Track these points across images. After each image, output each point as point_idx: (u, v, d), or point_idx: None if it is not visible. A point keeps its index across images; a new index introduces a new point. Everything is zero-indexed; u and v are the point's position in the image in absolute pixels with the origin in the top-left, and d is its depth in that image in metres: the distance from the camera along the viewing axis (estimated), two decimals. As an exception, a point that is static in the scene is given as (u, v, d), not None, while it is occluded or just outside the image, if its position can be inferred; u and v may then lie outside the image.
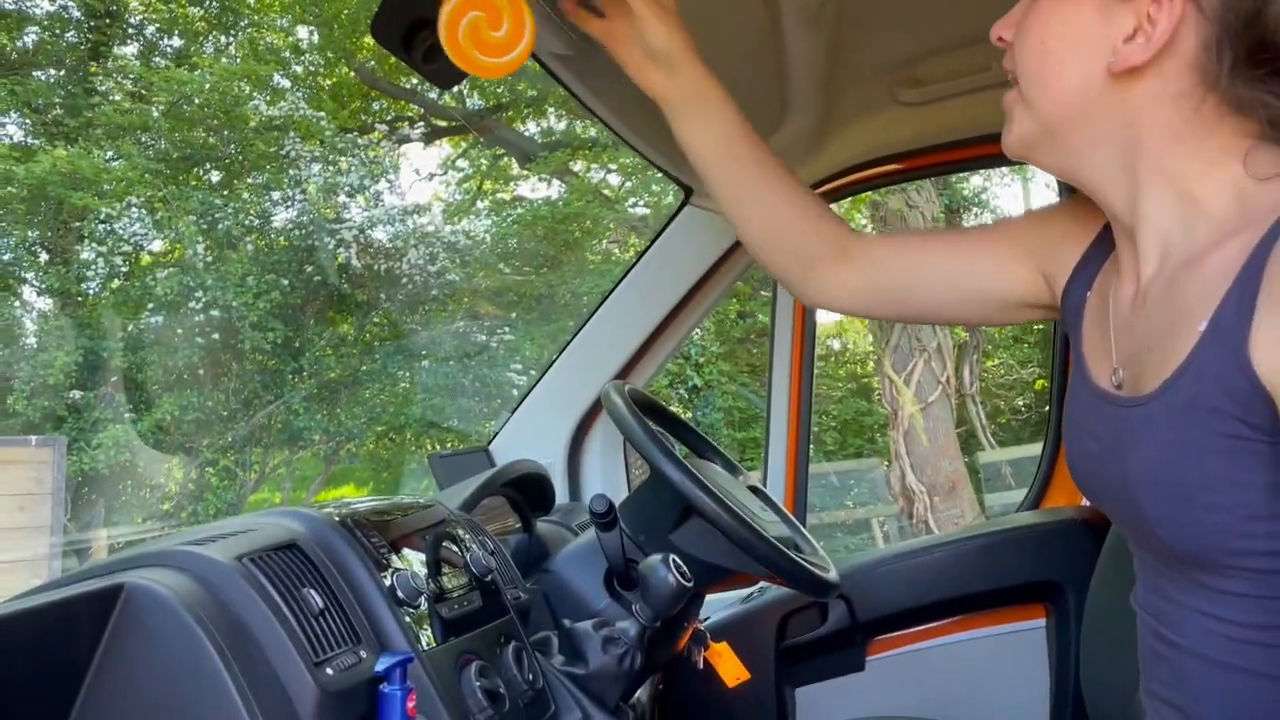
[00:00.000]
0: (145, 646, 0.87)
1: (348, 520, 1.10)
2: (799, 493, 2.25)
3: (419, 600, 1.08)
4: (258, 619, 0.92)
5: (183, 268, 8.75)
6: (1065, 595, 1.81)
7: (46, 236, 9.31)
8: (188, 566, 0.94)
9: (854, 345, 12.42)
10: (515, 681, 1.15)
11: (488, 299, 10.17)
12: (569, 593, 1.49)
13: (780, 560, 1.41)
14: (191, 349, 8.53)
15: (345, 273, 9.12)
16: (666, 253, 2.06)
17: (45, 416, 8.10)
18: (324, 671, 0.93)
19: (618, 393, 1.54)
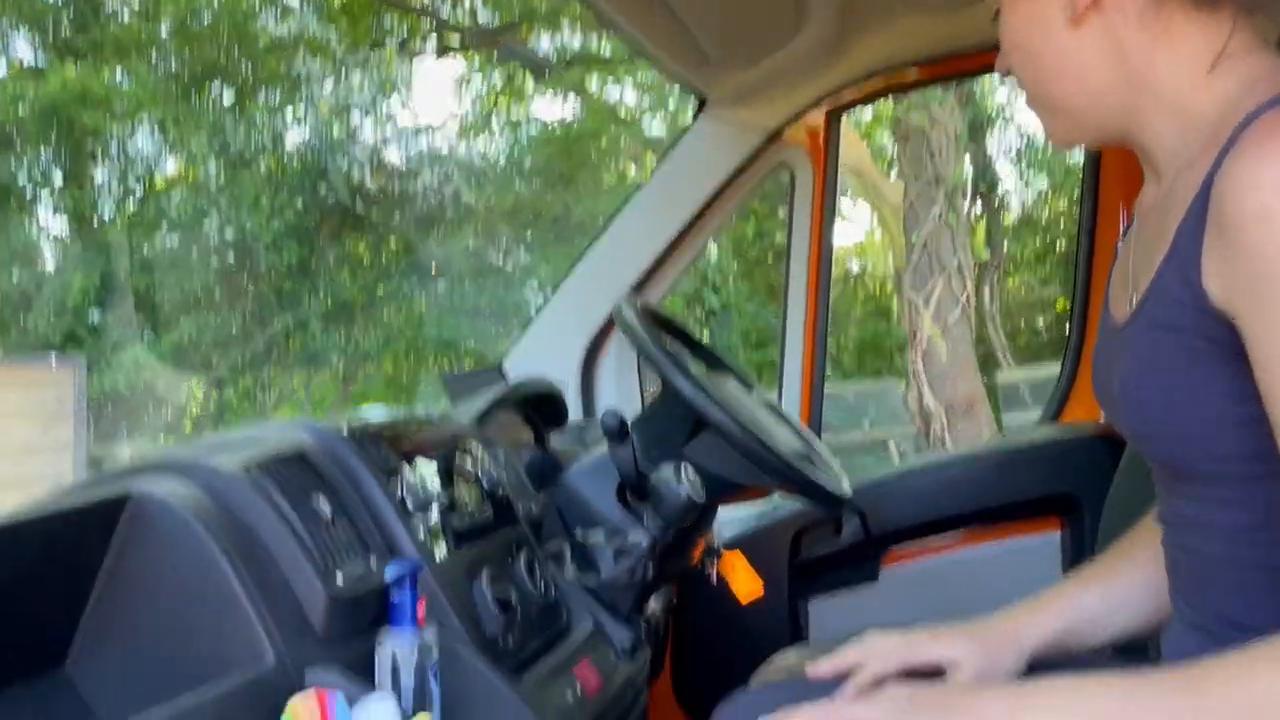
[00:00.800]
0: (154, 554, 0.87)
1: (356, 432, 1.10)
2: (814, 412, 2.23)
3: (430, 511, 1.08)
4: (267, 528, 0.92)
5: (196, 189, 8.72)
6: (1081, 509, 1.80)
7: (61, 158, 9.28)
8: (195, 476, 0.94)
9: (873, 267, 12.31)
10: (528, 591, 1.16)
11: (502, 219, 10.11)
12: (581, 505, 1.49)
13: (792, 473, 1.40)
14: (207, 270, 8.54)
15: (359, 193, 9.06)
16: (681, 165, 2.01)
17: (65, 337, 8.16)
18: (334, 580, 0.93)
19: (630, 307, 1.52)
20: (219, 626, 0.86)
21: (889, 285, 11.57)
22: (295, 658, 0.87)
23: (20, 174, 9.08)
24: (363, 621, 0.96)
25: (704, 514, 1.51)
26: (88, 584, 0.87)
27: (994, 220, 10.59)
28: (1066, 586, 1.04)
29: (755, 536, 1.93)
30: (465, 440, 1.27)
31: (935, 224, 8.44)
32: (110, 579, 0.87)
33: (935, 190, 8.45)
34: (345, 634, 0.94)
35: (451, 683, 0.99)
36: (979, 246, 9.97)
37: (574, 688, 1.09)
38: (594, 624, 1.24)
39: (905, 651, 0.99)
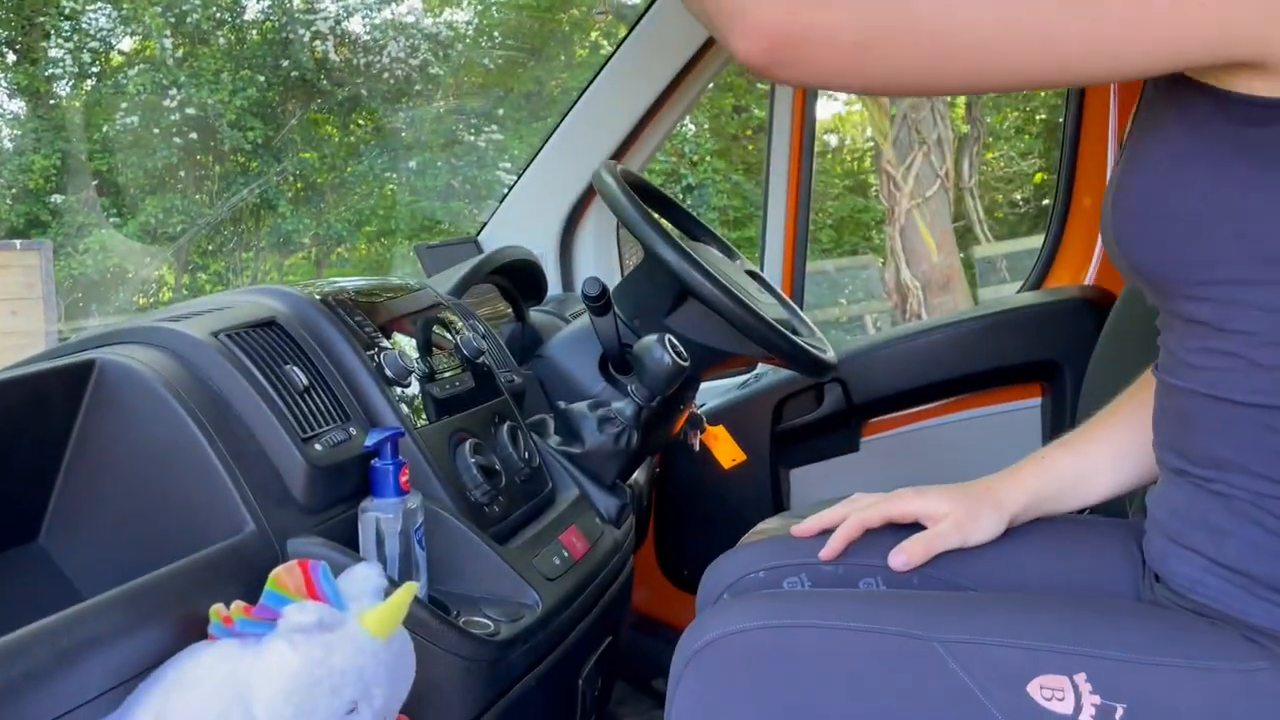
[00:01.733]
0: (123, 423, 0.84)
1: (330, 299, 1.06)
2: (796, 286, 2.20)
3: (409, 379, 1.05)
4: (239, 395, 0.89)
5: (154, 65, 8.38)
6: (1063, 374, 1.80)
7: (11, 36, 8.87)
8: (162, 343, 0.90)
9: (852, 141, 12.13)
10: (511, 459, 1.14)
11: (473, 95, 9.82)
12: (563, 377, 1.47)
13: (778, 340, 1.38)
14: (170, 149, 8.28)
15: (324, 67, 8.75)
16: (658, 27, 1.93)
17: (29, 222, 7.95)
18: (312, 447, 0.91)
19: (610, 173, 1.47)
20: (195, 497, 0.84)
21: (867, 160, 11.42)
22: (276, 528, 0.86)
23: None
24: (344, 491, 0.94)
25: (687, 384, 1.49)
26: (56, 455, 0.84)
27: (975, 92, 10.39)
28: (1046, 452, 1.04)
29: (737, 407, 1.93)
30: (443, 309, 1.24)
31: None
32: (79, 450, 0.84)
33: (917, 61, 8.27)
34: (326, 504, 0.92)
35: (438, 550, 0.98)
36: (958, 119, 9.81)
37: (561, 553, 1.09)
38: (579, 492, 1.24)
39: (887, 505, 0.99)
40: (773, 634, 0.79)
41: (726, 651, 0.79)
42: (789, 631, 0.80)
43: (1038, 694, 0.73)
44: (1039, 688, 0.73)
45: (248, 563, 0.82)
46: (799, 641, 0.79)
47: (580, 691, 1.12)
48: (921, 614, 0.80)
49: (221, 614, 0.74)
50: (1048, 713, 0.73)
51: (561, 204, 2.07)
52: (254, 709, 0.70)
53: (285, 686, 0.70)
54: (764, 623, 0.80)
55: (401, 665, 0.77)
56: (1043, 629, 0.76)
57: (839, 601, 0.84)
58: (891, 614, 0.80)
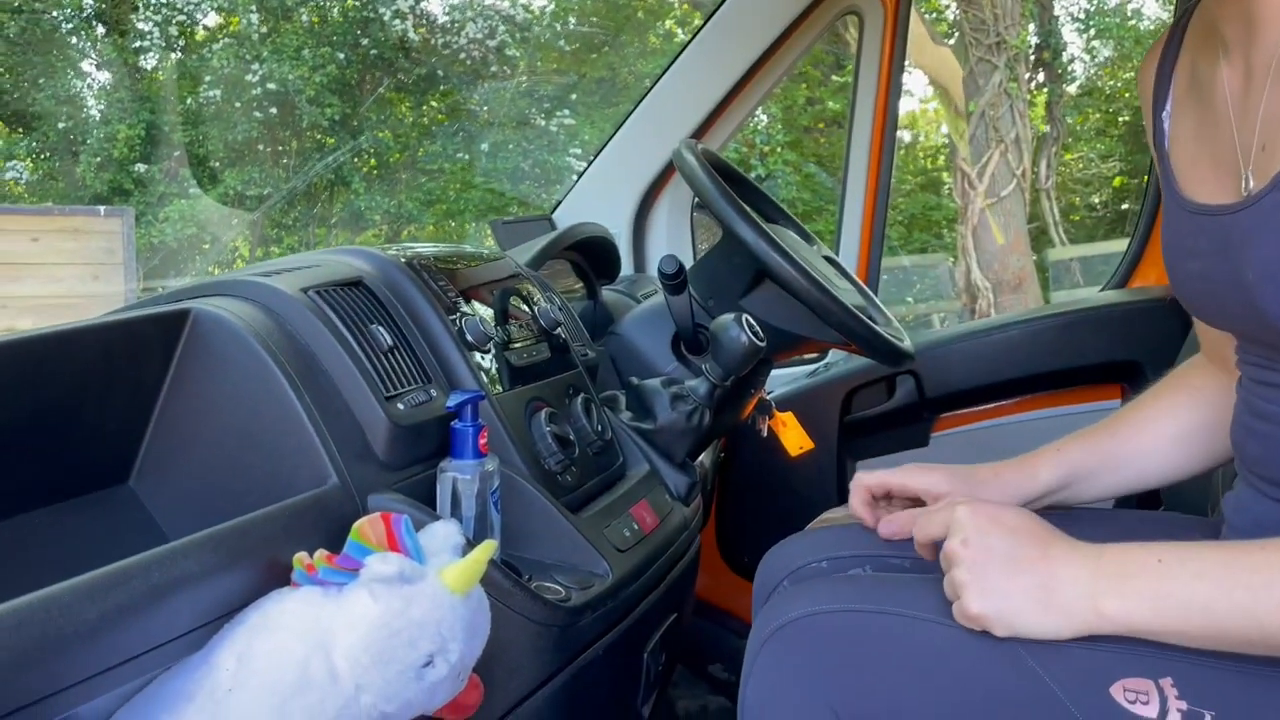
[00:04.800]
0: (215, 372, 0.86)
1: (414, 262, 1.07)
2: (871, 278, 2.18)
3: (488, 345, 1.06)
4: (326, 351, 0.90)
5: (238, 40, 8.55)
6: (1145, 376, 1.75)
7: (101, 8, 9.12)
8: (253, 296, 0.92)
9: (926, 138, 11.95)
10: (584, 431, 1.14)
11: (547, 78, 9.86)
12: (635, 355, 1.47)
13: (856, 326, 1.37)
14: (250, 123, 8.45)
15: (402, 47, 8.85)
16: (744, 6, 1.91)
17: (113, 189, 8.18)
18: (395, 406, 0.92)
19: (690, 151, 1.46)
20: (281, 448, 0.85)
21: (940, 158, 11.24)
22: (357, 482, 0.87)
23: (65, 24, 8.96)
24: (423, 451, 0.95)
25: (759, 368, 1.48)
26: (150, 400, 0.86)
27: (1056, 90, 10.18)
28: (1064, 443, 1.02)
29: (806, 395, 1.91)
30: (521, 280, 1.24)
31: (995, 93, 8.16)
32: (172, 397, 0.86)
33: (997, 57, 8.13)
34: (406, 462, 0.93)
35: (511, 514, 0.99)
36: (1038, 118, 9.62)
37: (631, 526, 1.09)
38: (649, 468, 1.23)
39: (890, 475, 0.99)
40: (852, 619, 0.79)
41: (804, 634, 0.79)
42: (868, 617, 0.79)
43: (1121, 697, 0.71)
44: (1122, 690, 0.72)
45: (330, 514, 0.83)
46: (877, 628, 0.78)
47: (645, 665, 1.12)
48: None
49: (305, 562, 0.75)
50: (1131, 716, 0.71)
51: (637, 184, 2.06)
52: (333, 656, 0.71)
53: (365, 635, 0.71)
54: (842, 606, 0.79)
55: (478, 622, 0.77)
56: None
57: (919, 590, 0.83)
58: None
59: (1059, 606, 0.73)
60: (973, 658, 0.75)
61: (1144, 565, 0.72)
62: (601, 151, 2.08)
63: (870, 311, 1.59)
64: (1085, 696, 0.72)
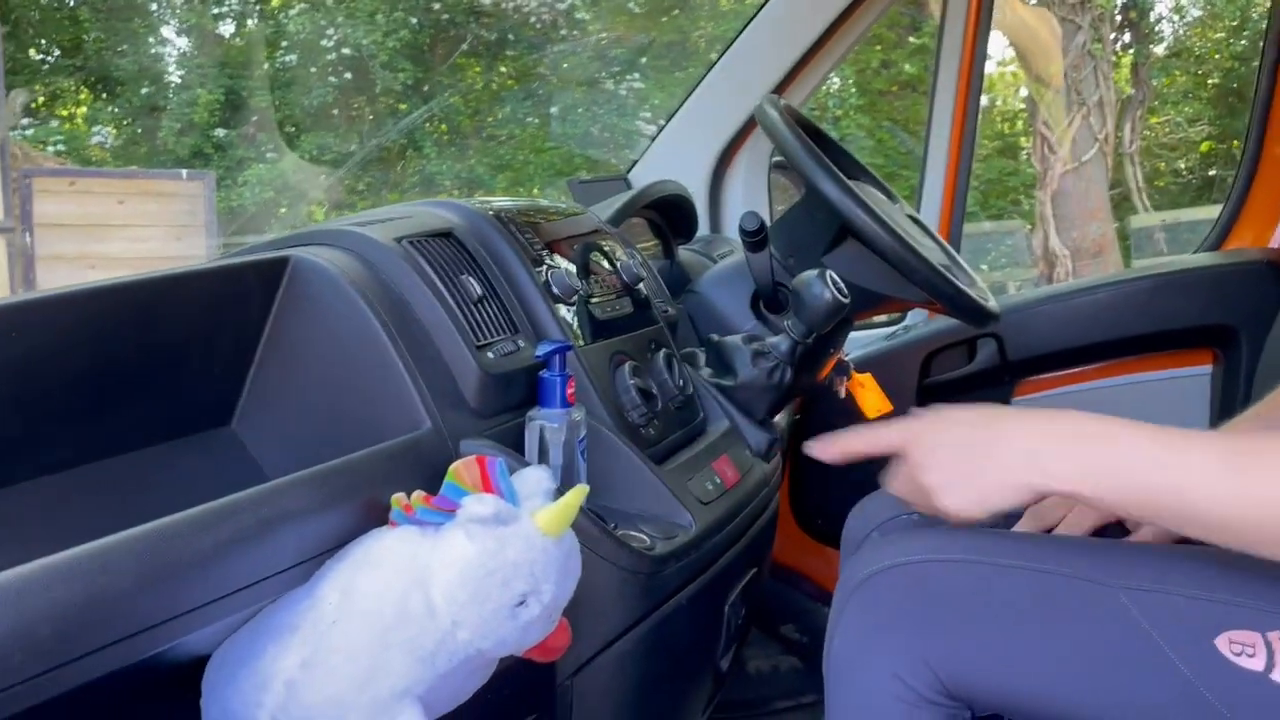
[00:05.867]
0: (313, 317, 0.88)
1: (502, 214, 1.08)
2: (953, 240, 2.14)
3: (573, 298, 1.07)
4: (419, 299, 0.92)
5: (313, 5, 8.65)
6: (1239, 341, 1.70)
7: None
8: (349, 245, 0.94)
9: (1004, 102, 11.64)
10: (666, 385, 1.15)
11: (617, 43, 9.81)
12: (714, 312, 1.47)
13: (941, 284, 1.35)
14: (325, 88, 8.57)
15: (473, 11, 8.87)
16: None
17: (193, 153, 8.37)
18: (485, 355, 0.93)
19: (773, 106, 1.44)
20: (377, 392, 0.87)
21: (1019, 123, 10.95)
22: (450, 428, 0.88)
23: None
24: (512, 400, 0.97)
25: (839, 327, 1.47)
26: (251, 345, 0.88)
27: (1142, 51, 9.83)
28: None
29: (885, 357, 1.89)
30: (603, 235, 1.25)
31: (1078, 54, 7.92)
32: (272, 342, 0.89)
33: (1080, 16, 7.89)
34: (495, 410, 0.94)
35: (597, 464, 1.00)
36: (1122, 80, 9.30)
37: (714, 479, 1.10)
38: (730, 424, 1.24)
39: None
40: (946, 568, 0.78)
41: (895, 583, 0.78)
42: (963, 566, 0.78)
43: (1226, 649, 0.70)
44: (1228, 642, 0.70)
45: (424, 458, 0.85)
46: (973, 577, 0.78)
47: (726, 618, 1.13)
48: (1103, 560, 0.77)
49: (402, 502, 0.77)
50: (1236, 668, 0.69)
51: (713, 143, 2.05)
52: (431, 592, 0.73)
53: (461, 573, 0.73)
54: (935, 556, 0.79)
55: (570, 565, 0.79)
56: (1234, 583, 0.73)
57: (1013, 540, 0.82)
58: (1071, 557, 0.77)
59: (1012, 477, 0.75)
60: (1073, 607, 0.74)
61: (1097, 433, 0.74)
62: (678, 110, 2.07)
63: (955, 271, 1.56)
64: (1189, 647, 0.71)
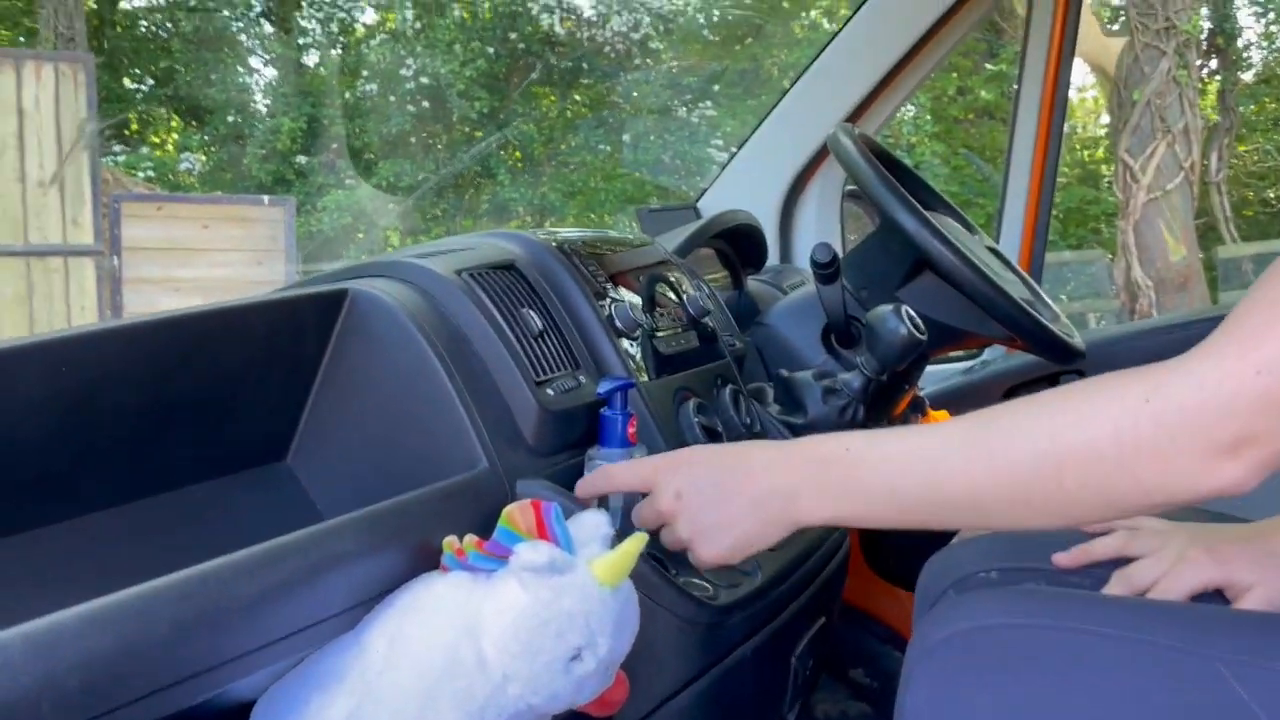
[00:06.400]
0: (371, 350, 0.86)
1: (565, 246, 1.05)
2: (1034, 270, 2.06)
3: (636, 332, 1.04)
4: (478, 333, 0.90)
5: (394, 36, 8.84)
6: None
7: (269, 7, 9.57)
8: (409, 278, 0.92)
9: (1084, 129, 11.39)
10: (733, 423, 1.11)
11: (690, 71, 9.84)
12: (783, 346, 1.43)
13: (1023, 319, 1.28)
14: (403, 116, 8.73)
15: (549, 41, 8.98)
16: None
17: (275, 180, 8.59)
18: (544, 391, 0.90)
19: (847, 135, 1.40)
20: (433, 429, 0.85)
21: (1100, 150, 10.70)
22: (507, 467, 0.85)
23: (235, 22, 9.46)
24: (571, 438, 0.93)
25: (915, 363, 1.41)
26: (308, 379, 0.87)
27: (1229, 78, 9.55)
28: None
29: (962, 394, 1.82)
30: (670, 267, 1.21)
31: (1162, 80, 7.71)
32: (329, 376, 0.87)
33: (1165, 42, 7.69)
34: (554, 448, 0.91)
35: (658, 506, 0.96)
36: (1208, 107, 9.04)
37: (780, 523, 1.04)
38: (799, 463, 1.19)
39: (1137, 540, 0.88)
40: (1026, 634, 0.72)
41: (973, 647, 0.73)
42: (1045, 633, 0.72)
43: None
44: None
45: (480, 499, 0.82)
46: (1056, 645, 0.72)
47: (793, 669, 1.08)
48: (1198, 628, 0.71)
49: (454, 546, 0.74)
50: None
51: (785, 172, 2.01)
52: (482, 643, 0.70)
53: (513, 624, 0.70)
54: (1016, 620, 0.73)
55: (627, 616, 0.75)
56: None
57: (1101, 605, 0.76)
58: (1165, 624, 0.71)
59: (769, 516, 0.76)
60: (1164, 677, 0.68)
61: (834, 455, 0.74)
62: (750, 138, 2.03)
63: (1037, 306, 1.50)
64: None
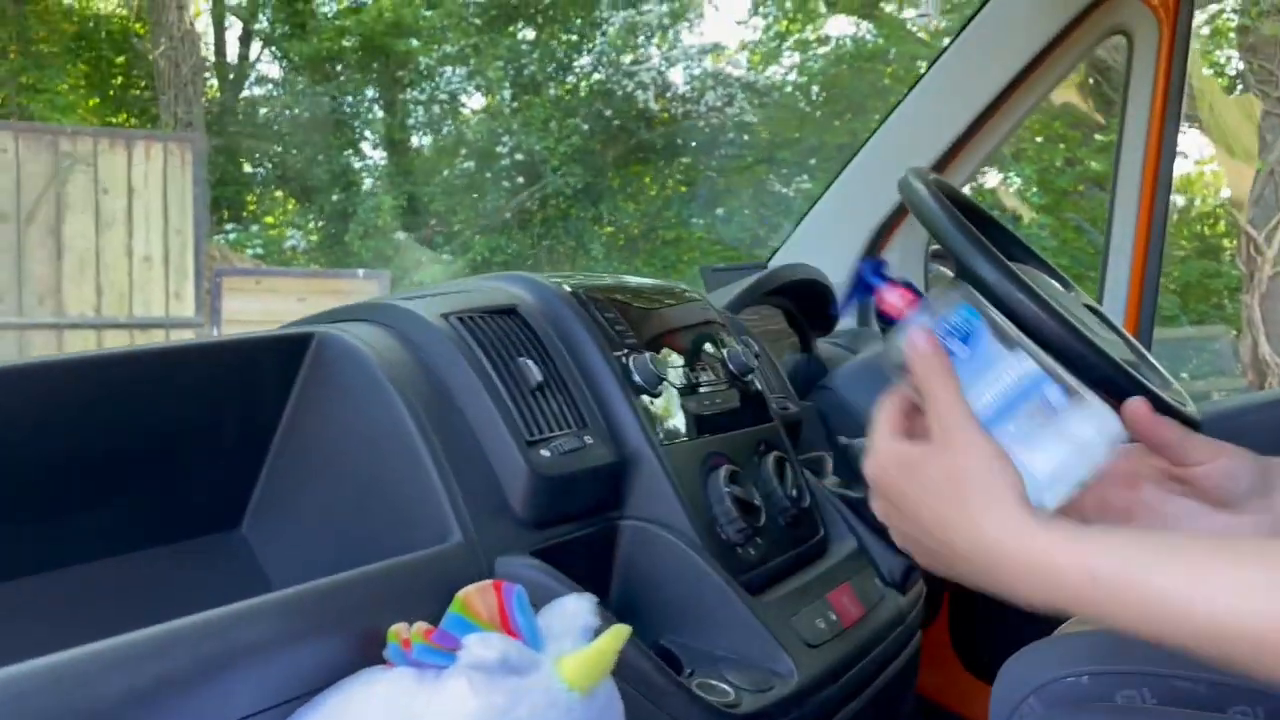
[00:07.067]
0: (336, 405, 0.75)
1: (582, 292, 0.93)
2: (1142, 338, 1.86)
3: (659, 388, 0.90)
4: (462, 386, 0.78)
5: (491, 114, 9.04)
6: None
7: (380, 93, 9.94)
8: (388, 321, 0.81)
9: (1203, 202, 10.93)
10: (775, 495, 0.96)
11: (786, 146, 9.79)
12: (848, 411, 1.28)
13: (1125, 383, 1.11)
14: (499, 192, 8.87)
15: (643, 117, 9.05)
16: (991, 27, 1.70)
17: (375, 255, 8.79)
18: (538, 452, 0.78)
19: (919, 178, 1.25)
20: (402, 494, 0.73)
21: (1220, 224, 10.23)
22: (487, 542, 0.73)
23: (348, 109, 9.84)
24: (574, 507, 0.80)
25: (1000, 431, 1.24)
26: (266, 435, 0.76)
27: (1362, 144, 9.04)
28: None
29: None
30: (713, 322, 1.08)
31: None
32: (290, 432, 0.76)
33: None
34: (548, 519, 0.78)
35: (675, 592, 0.82)
36: (1341, 175, 8.55)
37: (828, 615, 0.89)
38: (857, 544, 1.03)
39: None
40: None
41: None
42: None
43: None
44: None
45: (450, 578, 0.69)
46: None
47: (842, 793, 0.91)
48: None
49: (401, 635, 0.61)
50: None
51: (862, 229, 1.87)
52: (418, 760, 0.56)
53: (456, 738, 0.56)
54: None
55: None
56: None
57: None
58: None
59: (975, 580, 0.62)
60: None
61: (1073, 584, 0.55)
62: (824, 193, 1.90)
63: (1142, 369, 1.31)
64: None
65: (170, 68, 8.61)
